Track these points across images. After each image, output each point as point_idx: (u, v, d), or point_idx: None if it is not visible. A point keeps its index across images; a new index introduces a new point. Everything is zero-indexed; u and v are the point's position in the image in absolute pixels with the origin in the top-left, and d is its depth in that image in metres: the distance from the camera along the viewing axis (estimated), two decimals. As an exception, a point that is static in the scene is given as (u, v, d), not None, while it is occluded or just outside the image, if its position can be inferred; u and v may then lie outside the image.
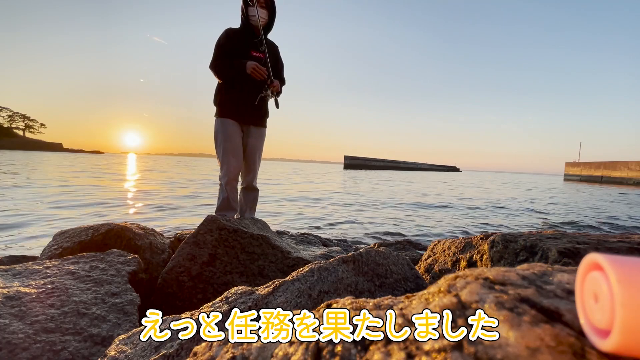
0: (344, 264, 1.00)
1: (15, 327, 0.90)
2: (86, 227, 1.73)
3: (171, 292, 1.36)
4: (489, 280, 0.35)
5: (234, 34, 2.17)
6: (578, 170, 34.65)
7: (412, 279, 1.08)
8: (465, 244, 1.47)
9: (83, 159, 32.23)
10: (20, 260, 1.87)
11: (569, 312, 0.29)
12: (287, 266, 1.47)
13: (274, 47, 2.31)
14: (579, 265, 0.28)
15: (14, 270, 1.23)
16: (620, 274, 0.22)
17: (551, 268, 0.39)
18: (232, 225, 1.55)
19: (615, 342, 0.22)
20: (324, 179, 15.61)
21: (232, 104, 2.16)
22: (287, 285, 0.87)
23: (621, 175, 28.50)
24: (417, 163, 64.33)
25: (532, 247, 1.11)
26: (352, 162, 45.66)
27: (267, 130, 2.38)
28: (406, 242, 2.87)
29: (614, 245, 1.01)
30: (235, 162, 2.19)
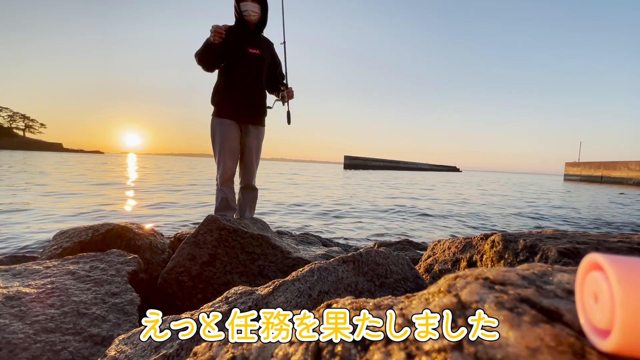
0: (344, 264, 1.00)
1: (15, 327, 0.90)
2: (86, 227, 1.73)
3: (171, 292, 1.36)
4: (489, 280, 0.35)
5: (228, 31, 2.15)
6: (578, 170, 34.65)
7: (412, 279, 1.08)
8: (465, 244, 1.47)
9: (83, 159, 32.25)
10: (20, 260, 1.87)
11: (569, 312, 0.29)
12: (287, 266, 1.47)
13: (269, 44, 2.29)
14: (579, 265, 0.28)
15: (14, 270, 1.23)
16: (620, 274, 0.22)
17: (551, 268, 0.39)
18: (232, 226, 1.55)
19: (615, 342, 0.22)
20: (323, 179, 15.62)
21: (229, 104, 2.15)
22: (287, 286, 0.87)
23: (621, 175, 28.51)
24: (417, 163, 64.33)
25: (532, 247, 1.11)
26: (352, 162, 45.67)
27: (266, 130, 2.37)
28: (406, 242, 2.87)
29: (614, 245, 1.01)
30: (230, 163, 2.19)
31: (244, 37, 2.15)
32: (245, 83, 2.15)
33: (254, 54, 2.16)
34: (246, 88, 2.16)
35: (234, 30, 2.15)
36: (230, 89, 2.15)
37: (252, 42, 2.17)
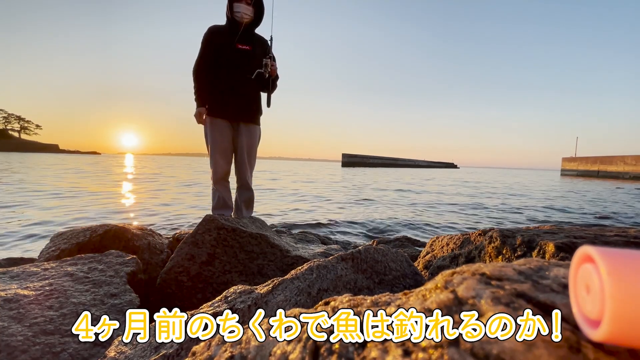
0: (343, 262, 1.00)
1: (14, 330, 0.90)
2: (84, 228, 1.72)
3: (170, 292, 1.36)
4: (485, 276, 0.35)
5: (218, 30, 2.13)
6: (575, 165, 34.80)
7: (410, 276, 1.09)
8: (464, 240, 1.47)
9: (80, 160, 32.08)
10: (18, 262, 1.86)
11: (565, 307, 0.29)
12: (286, 265, 1.48)
13: (263, 41, 2.24)
14: (572, 257, 0.28)
15: (12, 272, 1.22)
16: (611, 265, 0.23)
17: (547, 263, 0.39)
18: (231, 225, 1.55)
19: (605, 332, 0.23)
20: (322, 178, 15.61)
21: (220, 103, 2.12)
22: (286, 284, 0.87)
23: (617, 170, 28.67)
24: (415, 160, 64.46)
25: (530, 242, 1.12)
26: (350, 160, 45.68)
27: (261, 128, 2.33)
28: (405, 239, 2.87)
29: (611, 239, 1.02)
30: (223, 162, 2.17)
31: (233, 35, 2.11)
32: (234, 80, 2.12)
33: (244, 50, 2.11)
34: (236, 85, 2.12)
35: (223, 30, 2.13)
36: (220, 87, 2.11)
37: (242, 39, 2.12)
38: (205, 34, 2.14)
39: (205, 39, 2.12)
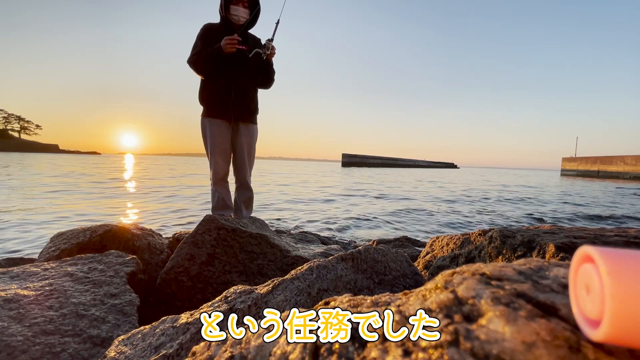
0: (343, 262, 1.00)
1: (14, 330, 0.90)
2: (84, 228, 1.72)
3: (170, 292, 1.35)
4: (485, 276, 0.35)
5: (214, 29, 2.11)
6: (575, 165, 34.80)
7: (410, 276, 1.09)
8: (464, 240, 1.47)
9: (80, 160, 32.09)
10: (17, 262, 1.86)
11: (565, 307, 0.29)
12: (286, 265, 1.48)
13: (257, 41, 2.24)
14: (572, 257, 0.28)
15: (12, 272, 1.22)
16: (610, 265, 0.23)
17: (547, 263, 0.39)
18: (231, 225, 1.55)
19: (605, 332, 0.23)
20: (322, 178, 15.61)
21: (217, 103, 2.11)
22: (286, 284, 0.87)
23: (617, 170, 28.67)
24: (415, 160, 64.49)
25: (530, 242, 1.12)
26: (350, 160, 45.69)
27: (259, 127, 2.31)
28: (405, 239, 2.87)
29: (611, 239, 1.02)
30: (222, 162, 2.17)
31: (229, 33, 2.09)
32: (232, 80, 2.11)
33: (240, 50, 2.10)
34: (233, 85, 2.11)
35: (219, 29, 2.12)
36: (217, 87, 2.11)
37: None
38: (200, 30, 2.13)
39: (201, 35, 2.10)
